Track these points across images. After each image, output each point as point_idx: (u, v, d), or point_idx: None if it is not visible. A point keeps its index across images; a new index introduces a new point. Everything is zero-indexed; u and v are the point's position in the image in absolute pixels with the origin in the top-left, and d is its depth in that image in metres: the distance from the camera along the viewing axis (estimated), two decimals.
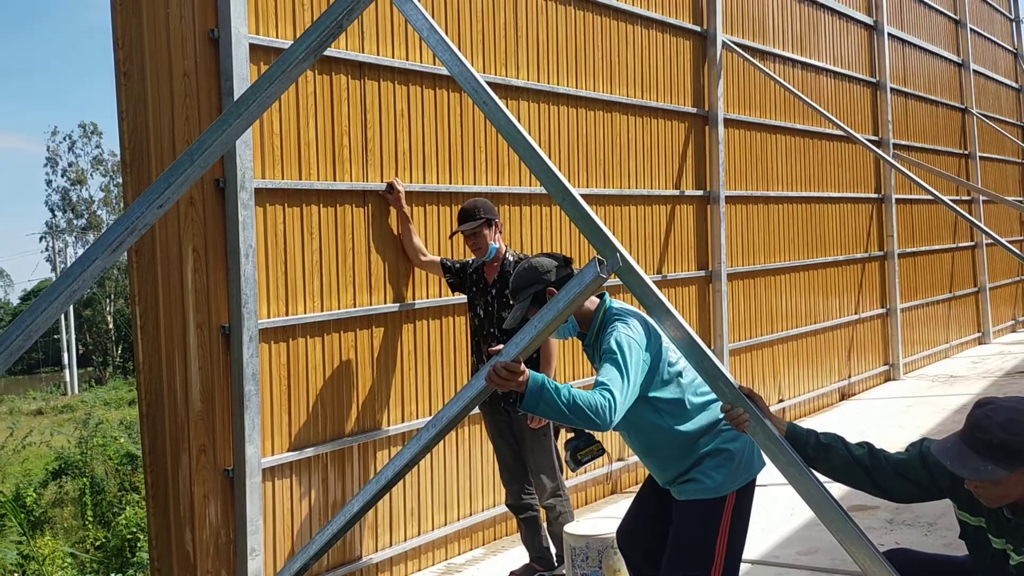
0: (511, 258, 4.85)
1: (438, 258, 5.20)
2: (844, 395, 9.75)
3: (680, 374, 3.33)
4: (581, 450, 3.47)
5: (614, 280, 5.72)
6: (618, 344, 3.14)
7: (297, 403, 4.67)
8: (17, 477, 15.57)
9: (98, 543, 12.10)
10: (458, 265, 5.10)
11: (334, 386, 4.85)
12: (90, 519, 13.33)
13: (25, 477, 15.60)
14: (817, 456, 3.06)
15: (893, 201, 10.68)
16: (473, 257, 5.03)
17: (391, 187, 5.06)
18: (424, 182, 5.36)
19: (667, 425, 3.29)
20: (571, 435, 3.51)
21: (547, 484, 4.82)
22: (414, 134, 5.31)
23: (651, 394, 3.27)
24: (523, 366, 2.94)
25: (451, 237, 5.27)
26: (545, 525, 4.99)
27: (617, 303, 3.48)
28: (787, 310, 8.77)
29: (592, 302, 3.44)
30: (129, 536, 11.24)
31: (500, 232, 4.93)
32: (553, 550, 4.96)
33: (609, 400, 2.97)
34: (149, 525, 4.49)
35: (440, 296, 5.45)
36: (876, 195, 10.55)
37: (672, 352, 3.34)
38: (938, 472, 2.98)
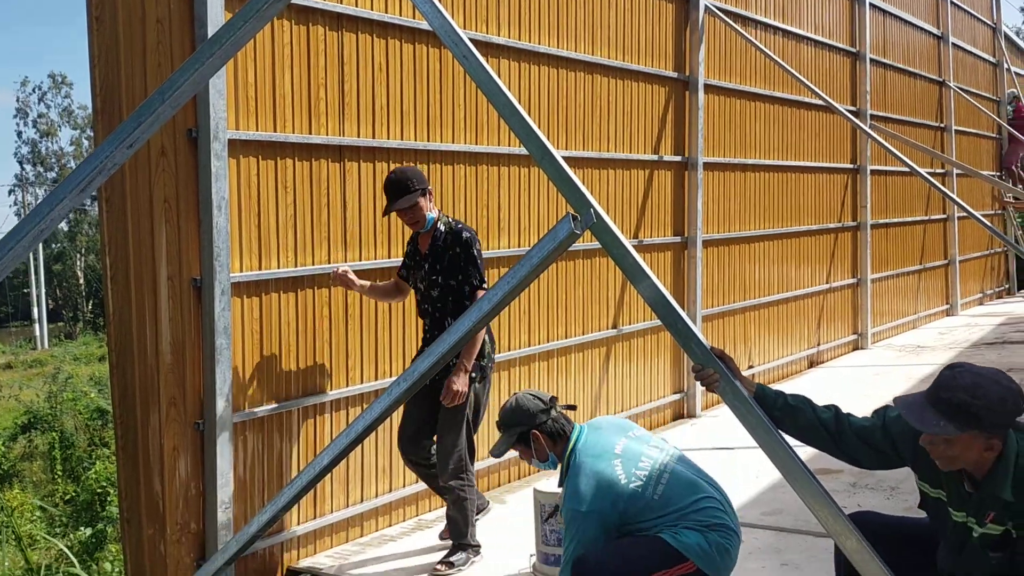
0: (442, 228, 4.56)
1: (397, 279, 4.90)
2: (813, 363, 9.87)
3: (626, 511, 3.55)
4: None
5: (594, 243, 5.72)
6: (566, 518, 3.57)
7: (269, 358, 4.65)
8: None
9: (68, 497, 12.09)
10: (407, 258, 4.80)
11: (307, 342, 4.83)
12: (59, 473, 13.31)
13: None
14: (784, 417, 3.10)
15: (868, 172, 10.74)
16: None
17: (336, 275, 4.72)
18: (401, 138, 5.31)
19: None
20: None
21: (450, 465, 4.51)
22: (392, 89, 5.25)
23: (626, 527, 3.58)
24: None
25: (385, 215, 4.72)
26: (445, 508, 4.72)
27: (585, 446, 3.69)
28: (760, 278, 8.83)
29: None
30: (99, 490, 11.25)
31: (432, 198, 4.61)
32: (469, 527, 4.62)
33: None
34: (119, 477, 4.48)
35: None
36: (851, 165, 10.61)
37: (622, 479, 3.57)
38: (901, 441, 3.03)
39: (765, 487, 5.68)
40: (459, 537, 4.61)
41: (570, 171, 3.12)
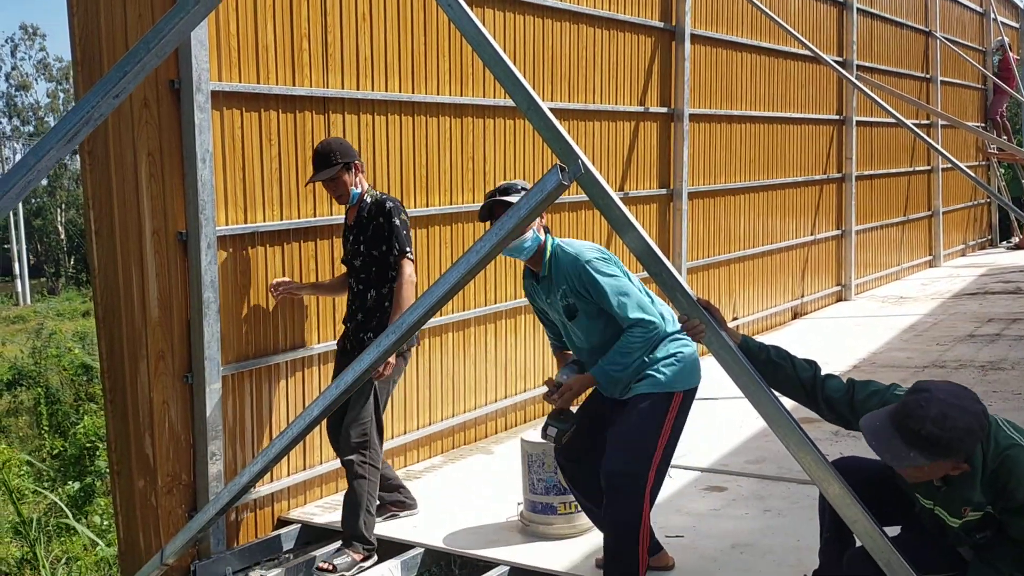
0: (369, 200, 4.41)
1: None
2: (797, 314, 9.96)
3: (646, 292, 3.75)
4: (566, 432, 3.68)
5: (580, 195, 5.72)
6: (611, 279, 3.59)
7: (256, 311, 4.65)
8: None
9: (55, 452, 12.10)
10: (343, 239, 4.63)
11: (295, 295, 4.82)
12: (46, 428, 13.30)
13: None
14: (765, 371, 3.14)
15: (854, 123, 10.73)
16: None
17: (276, 289, 4.60)
18: (386, 90, 5.25)
19: None
20: (560, 417, 3.68)
21: (352, 438, 4.23)
22: (376, 40, 5.18)
23: None
24: (579, 379, 3.64)
25: (306, 185, 4.68)
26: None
27: (563, 240, 3.74)
28: (744, 230, 8.86)
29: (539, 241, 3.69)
30: (87, 445, 11.26)
31: (361, 173, 4.44)
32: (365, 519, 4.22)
33: (640, 320, 3.55)
34: (108, 431, 4.49)
35: None
36: (837, 117, 10.59)
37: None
38: None
39: (748, 436, 5.77)
40: (351, 528, 4.20)
41: (557, 122, 3.11)
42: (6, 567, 8.04)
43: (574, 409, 3.81)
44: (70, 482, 10.75)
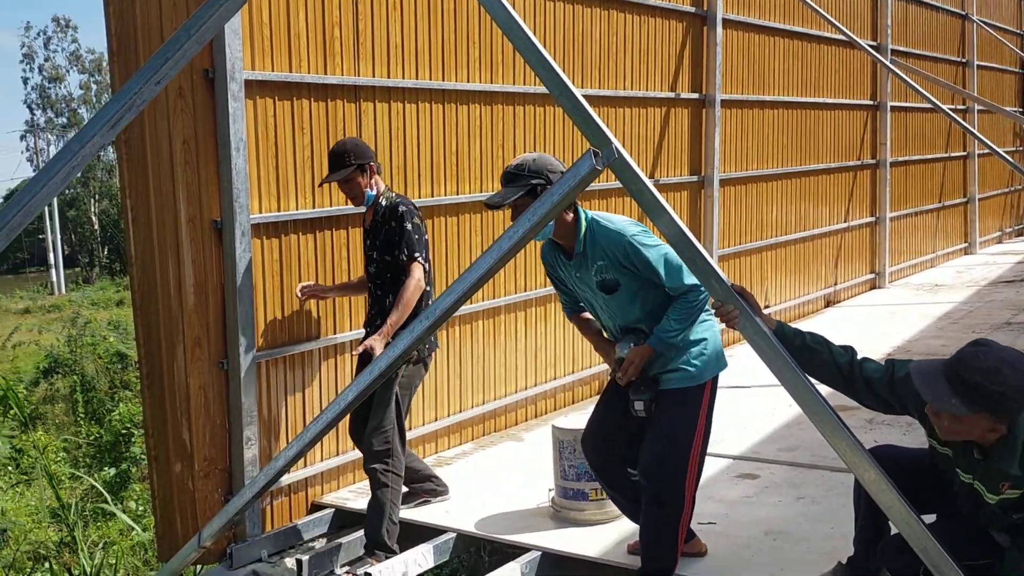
0: (384, 203, 4.31)
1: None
2: (829, 302, 9.87)
3: None
4: (652, 401, 3.56)
5: (609, 183, 5.71)
6: (658, 249, 3.50)
7: (290, 298, 4.69)
8: (7, 375, 15.69)
9: (91, 438, 12.30)
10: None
11: (327, 282, 4.86)
12: (82, 415, 13.52)
13: (15, 375, 15.70)
14: (801, 356, 3.11)
15: (888, 109, 10.59)
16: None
17: (304, 292, 4.58)
18: (417, 78, 5.26)
19: None
20: (640, 389, 3.58)
21: (374, 446, 4.20)
22: (407, 27, 5.19)
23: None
24: (639, 352, 3.52)
25: (320, 186, 4.62)
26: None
27: (597, 213, 3.64)
28: (777, 217, 8.78)
29: (567, 218, 3.58)
30: (123, 431, 11.42)
31: (378, 174, 4.35)
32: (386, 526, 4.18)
33: (695, 285, 3.46)
34: (145, 416, 4.56)
35: (432, 196, 5.42)
36: (871, 102, 10.45)
37: None
38: (907, 400, 3.04)
39: (781, 424, 5.73)
40: (374, 536, 4.18)
41: (589, 107, 3.10)
42: (45, 550, 8.19)
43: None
44: (106, 468, 10.93)
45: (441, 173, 5.47)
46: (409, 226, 4.24)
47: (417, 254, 4.22)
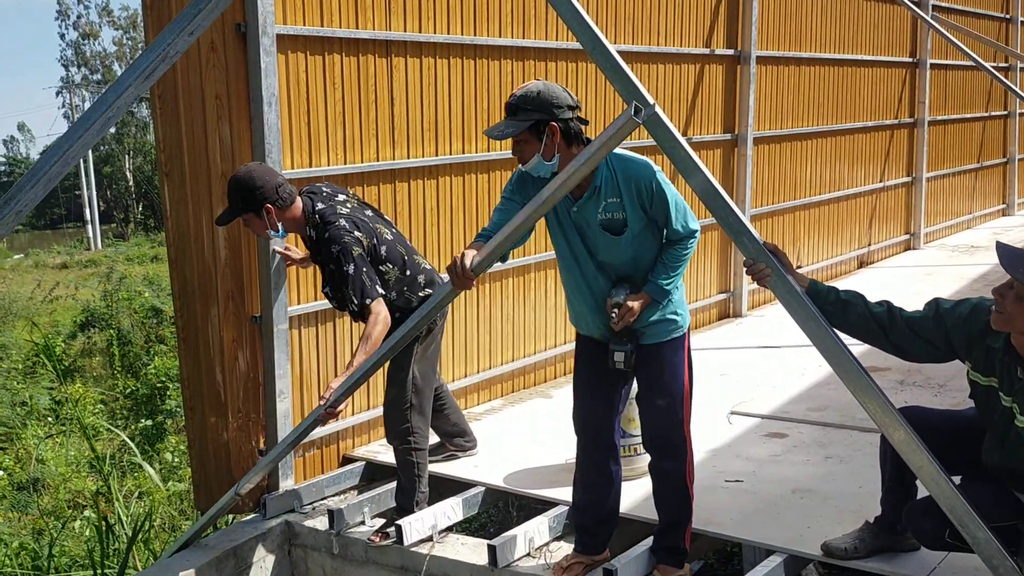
0: (313, 233, 3.97)
1: None
2: (863, 263, 9.76)
3: None
4: (632, 354, 3.46)
5: (640, 140, 5.65)
6: (673, 190, 3.39)
7: None
8: (46, 328, 15.98)
9: (127, 391, 12.53)
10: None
11: None
12: (118, 368, 13.77)
13: (54, 328, 15.99)
14: (835, 311, 3.10)
15: (928, 66, 10.35)
16: None
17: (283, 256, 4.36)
18: (448, 32, 5.23)
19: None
20: (622, 340, 3.45)
21: (396, 424, 4.15)
22: None
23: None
24: (637, 298, 3.38)
25: (217, 224, 4.16)
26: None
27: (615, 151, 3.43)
28: (811, 176, 8.67)
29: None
30: (159, 385, 11.63)
31: (284, 203, 3.91)
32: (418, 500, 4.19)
33: (697, 230, 3.44)
34: (181, 368, 4.64)
35: (463, 152, 5.41)
36: (910, 59, 10.22)
37: None
38: (953, 332, 3.02)
39: (810, 384, 5.72)
40: (406, 505, 4.20)
41: (623, 62, 3.07)
42: (83, 499, 8.40)
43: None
44: (142, 420, 11.15)
45: (472, 130, 5.45)
46: (351, 269, 3.85)
47: (368, 297, 3.86)
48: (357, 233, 3.94)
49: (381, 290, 3.94)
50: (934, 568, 3.35)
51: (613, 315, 3.41)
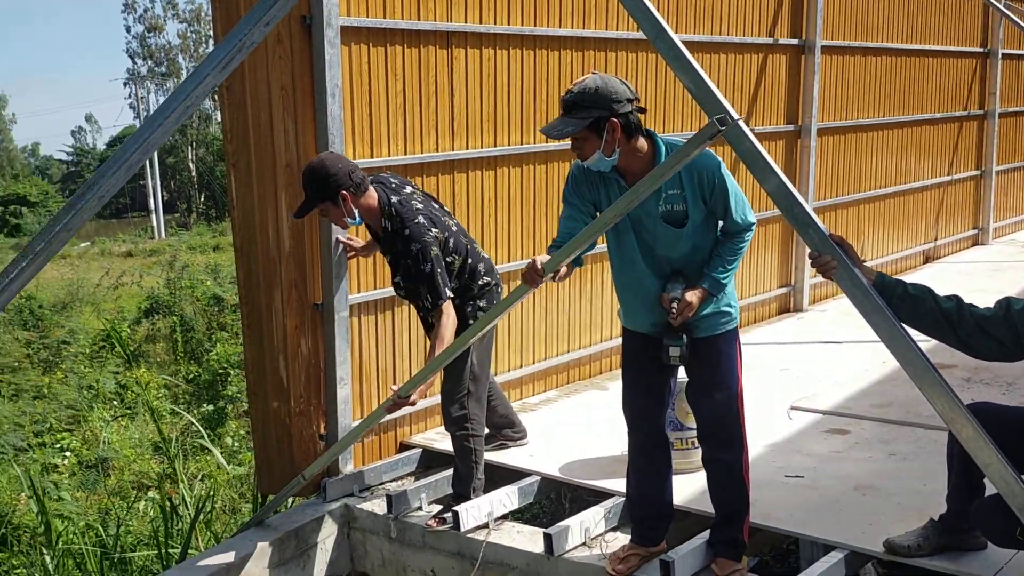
0: (389, 226, 4.01)
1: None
2: (928, 258, 9.54)
3: None
4: (685, 347, 3.41)
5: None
6: (733, 182, 3.35)
7: None
8: (112, 314, 16.43)
9: (190, 377, 12.83)
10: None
11: None
12: (181, 354, 14.10)
13: (119, 314, 16.42)
14: (903, 306, 3.04)
15: (999, 56, 10.06)
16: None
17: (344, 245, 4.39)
18: (508, 23, 5.23)
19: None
20: (675, 335, 3.41)
21: (453, 412, 4.18)
22: None
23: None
24: (696, 294, 3.34)
25: (296, 218, 4.23)
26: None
27: (670, 137, 3.44)
28: (876, 169, 8.49)
29: (641, 146, 3.32)
30: (220, 371, 11.88)
31: (358, 189, 3.95)
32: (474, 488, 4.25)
33: (753, 224, 3.41)
34: (245, 354, 4.74)
35: (521, 143, 5.42)
36: (981, 49, 9.94)
37: None
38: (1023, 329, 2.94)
39: (874, 380, 5.62)
40: (463, 492, 4.26)
41: (686, 52, 3.04)
42: (148, 480, 8.63)
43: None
44: (204, 405, 11.41)
45: (531, 121, 5.45)
46: (428, 268, 3.91)
47: (440, 299, 3.92)
48: (434, 231, 4.00)
49: (450, 292, 3.99)
50: (1001, 567, 3.27)
51: (673, 309, 3.36)
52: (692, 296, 3.35)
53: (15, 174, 48.98)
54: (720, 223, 3.41)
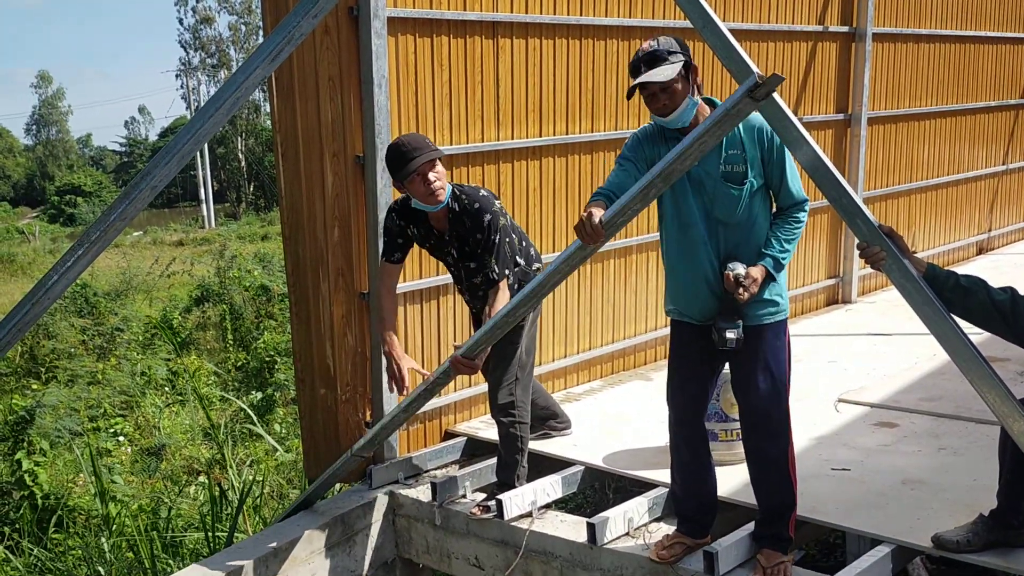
0: (456, 206, 3.97)
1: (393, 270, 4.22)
2: (982, 249, 9.34)
3: None
4: (740, 330, 3.36)
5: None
6: (790, 157, 3.32)
7: None
8: (164, 302, 16.75)
9: (239, 364, 13.05)
10: (396, 232, 4.12)
11: None
12: (231, 342, 14.34)
13: (171, 302, 16.74)
14: (955, 298, 2.99)
15: None
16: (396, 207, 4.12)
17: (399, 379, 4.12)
18: (554, 13, 5.23)
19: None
20: (732, 319, 3.36)
21: (499, 399, 4.17)
22: None
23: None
24: (759, 270, 3.30)
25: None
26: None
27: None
28: (928, 158, 8.32)
29: (704, 108, 3.37)
30: (268, 359, 12.06)
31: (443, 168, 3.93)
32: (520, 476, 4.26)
33: (806, 200, 3.41)
34: (294, 342, 4.82)
35: (567, 133, 5.41)
36: None
37: None
38: None
39: (923, 373, 5.52)
40: (507, 480, 4.27)
41: (733, 40, 3.03)
42: (198, 465, 8.81)
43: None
44: (252, 392, 11.60)
45: (577, 110, 5.44)
46: (497, 239, 3.95)
47: (506, 271, 3.99)
48: (499, 204, 4.03)
49: (514, 267, 4.05)
50: None
51: (742, 286, 3.29)
52: (756, 271, 3.32)
53: (70, 164, 50.10)
54: (775, 199, 3.40)
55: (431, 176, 3.83)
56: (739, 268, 3.32)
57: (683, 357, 3.60)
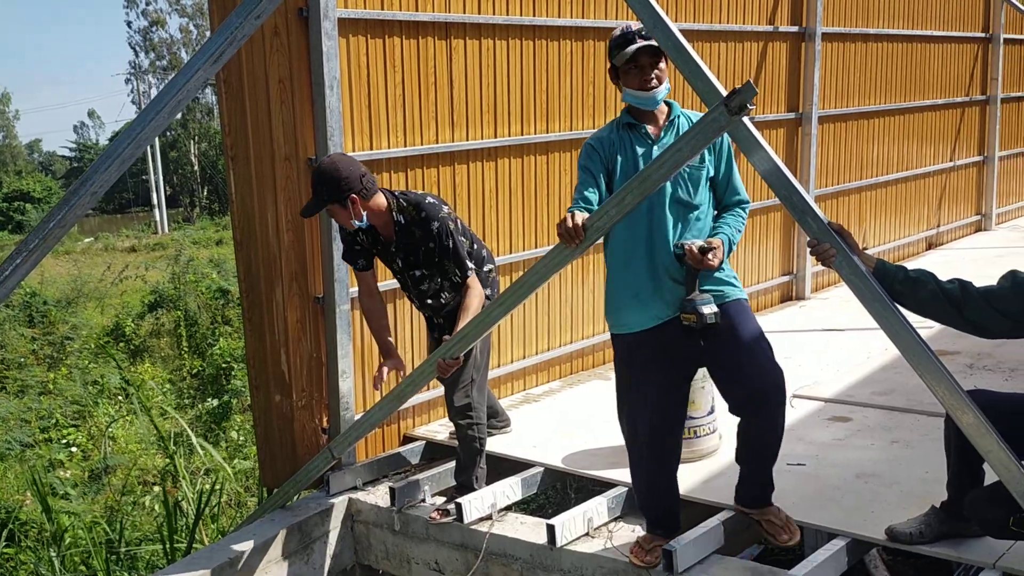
0: (403, 219, 3.99)
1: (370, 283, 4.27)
2: (931, 244, 9.52)
3: None
4: (713, 302, 3.32)
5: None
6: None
7: None
8: (117, 309, 16.44)
9: (194, 371, 12.86)
10: (350, 240, 4.15)
11: None
12: (186, 349, 14.13)
13: (124, 309, 16.44)
14: (904, 291, 3.03)
15: (1001, 41, 10.01)
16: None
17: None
18: (507, 14, 5.22)
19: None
20: (703, 296, 3.31)
21: (457, 400, 4.17)
22: None
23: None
24: (714, 240, 3.31)
25: (303, 216, 4.10)
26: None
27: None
28: (878, 156, 8.47)
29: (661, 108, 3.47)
30: (224, 365, 11.90)
31: (367, 193, 3.90)
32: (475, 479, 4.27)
33: (747, 201, 3.52)
34: (247, 348, 4.75)
35: (521, 134, 5.41)
36: (983, 35, 9.89)
37: None
38: None
39: (876, 368, 5.61)
40: (465, 482, 4.27)
41: (685, 42, 3.04)
42: (151, 476, 8.66)
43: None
44: (209, 399, 11.44)
45: (531, 111, 5.44)
46: (451, 243, 3.97)
47: (469, 269, 4.02)
48: (447, 208, 4.05)
49: (472, 265, 4.06)
50: (1003, 554, 3.27)
51: (711, 251, 3.26)
52: (715, 240, 3.32)
53: (18, 170, 49.01)
54: (721, 196, 3.48)
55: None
56: (697, 240, 3.32)
57: (653, 371, 3.47)
